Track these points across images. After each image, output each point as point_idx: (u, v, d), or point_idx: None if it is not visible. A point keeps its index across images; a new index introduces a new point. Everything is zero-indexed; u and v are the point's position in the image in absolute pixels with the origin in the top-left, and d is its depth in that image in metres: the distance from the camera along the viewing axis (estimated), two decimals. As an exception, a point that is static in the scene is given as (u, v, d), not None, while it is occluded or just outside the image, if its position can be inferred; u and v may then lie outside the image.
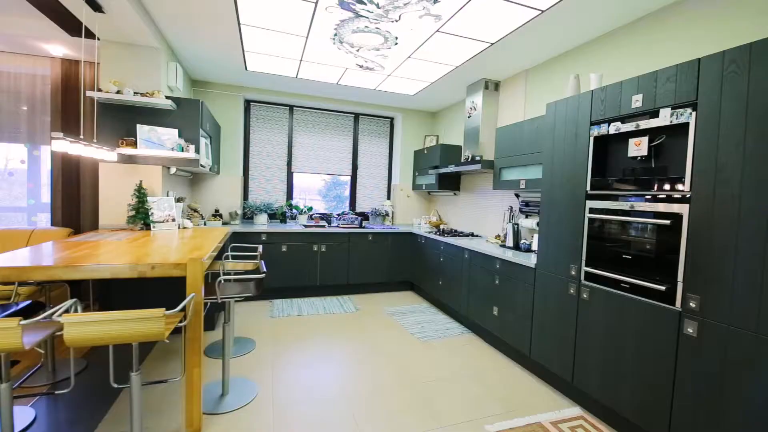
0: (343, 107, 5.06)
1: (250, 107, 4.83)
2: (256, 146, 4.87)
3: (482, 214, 4.23)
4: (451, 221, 4.92)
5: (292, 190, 5.08)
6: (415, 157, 5.30)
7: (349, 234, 4.51)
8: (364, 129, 5.35)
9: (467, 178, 4.55)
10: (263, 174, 4.92)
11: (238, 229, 4.04)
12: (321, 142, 5.14)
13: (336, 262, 4.47)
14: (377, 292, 4.75)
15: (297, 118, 5.01)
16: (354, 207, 5.38)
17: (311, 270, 4.37)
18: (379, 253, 4.66)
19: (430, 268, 4.24)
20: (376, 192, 5.49)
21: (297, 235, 4.28)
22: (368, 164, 5.40)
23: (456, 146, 4.61)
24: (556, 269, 2.43)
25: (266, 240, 4.17)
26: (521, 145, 3.13)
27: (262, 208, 4.59)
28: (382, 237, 4.65)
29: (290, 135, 4.99)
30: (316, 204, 5.37)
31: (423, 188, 4.98)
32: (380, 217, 5.17)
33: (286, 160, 5.00)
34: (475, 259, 3.33)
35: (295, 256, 4.29)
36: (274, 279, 4.23)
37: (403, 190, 5.37)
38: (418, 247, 4.57)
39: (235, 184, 4.58)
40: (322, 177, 5.34)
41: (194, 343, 1.87)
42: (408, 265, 4.81)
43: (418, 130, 5.40)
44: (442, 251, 3.95)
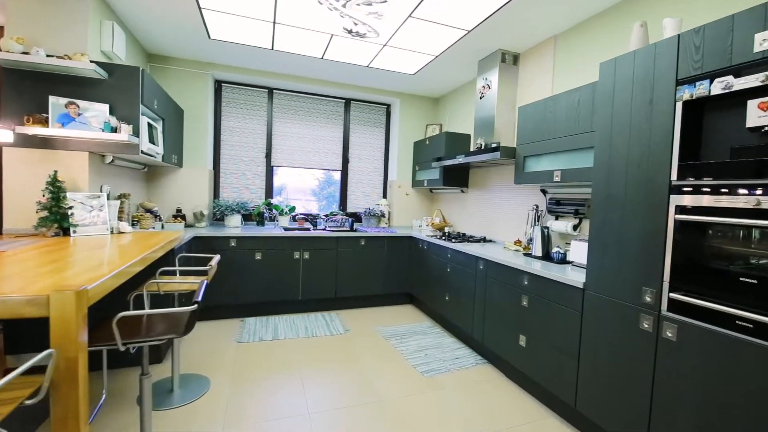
0: (332, 90, 4.34)
1: (222, 89, 4.10)
2: (229, 135, 4.15)
3: (496, 214, 3.54)
4: (457, 223, 4.22)
5: (272, 186, 4.36)
6: (416, 149, 4.60)
7: (338, 238, 3.79)
8: (357, 117, 4.64)
9: (477, 173, 3.86)
10: (238, 168, 4.20)
11: (203, 233, 3.31)
12: (306, 131, 4.42)
13: (322, 272, 3.76)
14: (371, 307, 4.04)
15: (278, 103, 4.30)
16: (345, 207, 4.67)
17: (292, 281, 3.66)
18: (372, 260, 3.95)
19: (434, 280, 3.54)
20: (370, 189, 4.78)
21: (275, 239, 3.56)
22: (361, 158, 4.70)
23: (464, 135, 3.91)
24: (619, 292, 1.74)
25: (236, 246, 3.44)
26: (555, 125, 2.43)
27: (235, 208, 3.86)
28: (377, 242, 3.95)
29: (269, 123, 4.27)
30: (312, 205, 4.65)
31: (424, 185, 4.29)
32: (375, 219, 4.46)
33: (265, 152, 4.28)
34: (494, 272, 2.63)
35: (272, 265, 3.57)
36: (247, 293, 3.51)
37: (401, 187, 4.66)
38: (419, 253, 3.87)
39: (202, 179, 3.85)
40: (316, 175, 4.62)
41: (66, 425, 1.15)
42: (407, 274, 4.10)
43: (419, 118, 4.70)
44: (449, 260, 3.25)
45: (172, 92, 3.71)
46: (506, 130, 3.21)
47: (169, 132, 3.23)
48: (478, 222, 3.81)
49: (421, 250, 3.84)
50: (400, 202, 4.67)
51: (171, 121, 3.31)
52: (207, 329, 3.24)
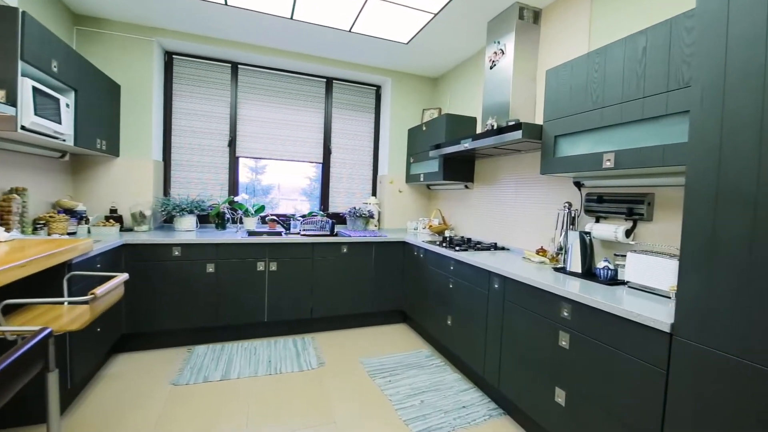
0: (310, 67, 3.62)
1: (173, 63, 3.36)
2: (183, 119, 3.41)
3: (510, 215, 2.83)
4: (460, 226, 3.51)
5: (237, 181, 3.63)
6: (410, 137, 3.89)
7: (314, 245, 3.07)
8: (341, 100, 3.92)
9: (485, 164, 3.15)
10: (194, 159, 3.46)
11: (139, 239, 2.58)
12: (278, 116, 3.69)
13: (293, 287, 3.03)
14: (356, 328, 3.32)
15: (244, 81, 3.57)
16: (326, 206, 3.95)
17: (255, 299, 2.93)
18: (357, 271, 3.23)
19: (433, 297, 2.82)
20: (356, 186, 4.06)
21: (233, 247, 2.83)
22: (346, 148, 3.98)
23: (468, 118, 3.20)
24: (744, 346, 1.03)
25: (181, 256, 2.71)
26: (604, 89, 1.73)
27: (186, 207, 3.13)
28: (363, 248, 3.23)
29: (233, 105, 3.54)
30: (304, 206, 3.93)
31: (420, 179, 3.57)
32: (362, 220, 3.75)
33: (228, 140, 3.54)
34: (515, 293, 1.92)
35: (229, 278, 2.84)
36: (196, 315, 2.78)
37: (393, 182, 3.95)
38: (415, 263, 3.16)
39: (145, 171, 3.11)
40: (307, 173, 3.91)
41: None
42: (399, 288, 3.39)
43: (415, 101, 3.99)
44: (453, 273, 2.54)
45: (106, 63, 2.97)
46: (525, 106, 2.50)
47: (91, 110, 2.50)
48: (487, 224, 3.10)
49: (416, 259, 3.13)
50: (392, 201, 3.96)
51: (95, 97, 2.57)
52: (140, 362, 2.50)
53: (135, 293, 2.64)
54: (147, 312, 2.68)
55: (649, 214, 1.78)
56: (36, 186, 2.49)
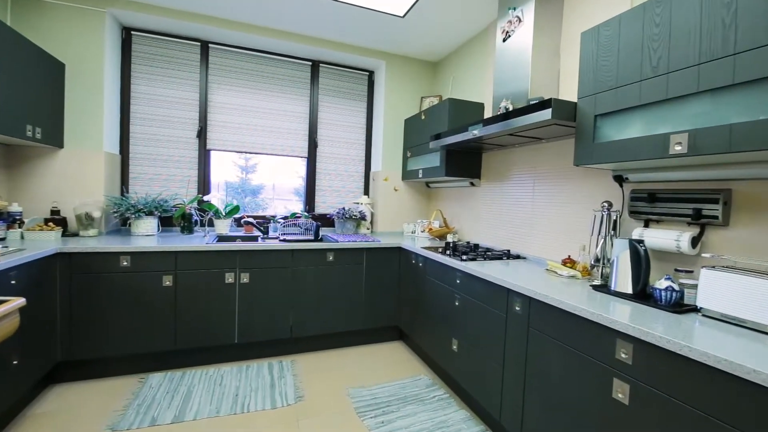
0: (293, 47, 3.16)
1: (132, 40, 2.89)
2: (144, 105, 2.94)
3: (526, 217, 2.39)
4: (465, 229, 3.06)
5: (209, 177, 3.16)
6: (407, 128, 3.44)
7: (293, 252, 2.61)
8: (329, 86, 3.46)
9: (495, 157, 2.70)
10: (157, 152, 2.99)
11: (81, 246, 2.11)
12: (255, 103, 3.23)
13: (270, 302, 2.57)
14: (344, 348, 2.86)
15: (216, 63, 3.10)
16: (312, 206, 3.49)
17: (222, 317, 2.47)
18: (345, 282, 2.77)
19: (435, 313, 2.38)
20: (346, 183, 3.60)
21: (196, 256, 2.37)
22: (335, 141, 3.52)
23: (475, 103, 2.76)
24: None
25: (131, 267, 2.24)
26: (671, 49, 1.28)
27: (144, 208, 2.66)
28: (352, 255, 2.77)
29: (203, 90, 3.07)
30: (297, 207, 3.48)
31: (419, 176, 3.12)
32: (352, 222, 3.29)
33: (197, 130, 3.08)
34: (543, 318, 1.48)
35: (190, 293, 2.38)
36: (150, 337, 2.31)
37: (388, 180, 3.50)
38: (413, 272, 2.71)
39: (95, 166, 2.63)
40: (300, 173, 3.46)
41: None
42: (394, 300, 2.94)
43: (412, 88, 3.54)
44: (460, 287, 2.09)
45: (48, 38, 2.49)
46: (547, 85, 2.06)
47: (15, 90, 2.02)
48: (497, 228, 2.66)
49: (414, 269, 2.68)
50: (387, 200, 3.51)
51: (22, 75, 2.10)
52: (79, 396, 2.03)
53: (73, 313, 2.17)
54: (90, 335, 2.21)
55: (725, 216, 1.35)
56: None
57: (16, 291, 1.75)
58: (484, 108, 2.77)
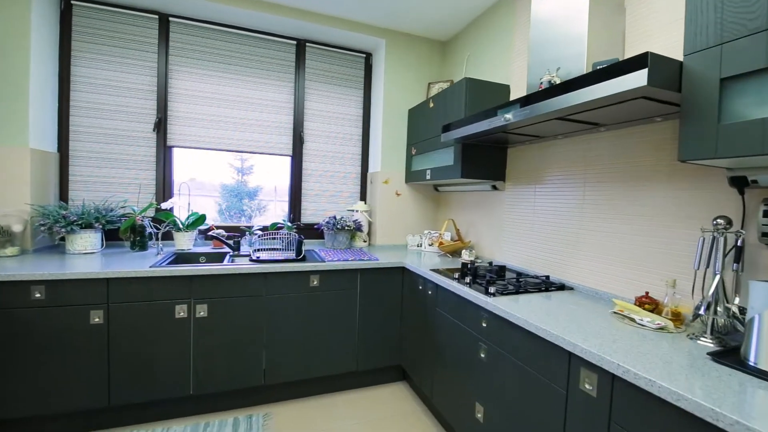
0: (274, 21, 2.59)
1: (72, 12, 2.35)
2: (87, 93, 2.39)
3: (571, 232, 1.79)
4: (483, 243, 2.47)
5: (171, 180, 2.60)
6: (412, 120, 2.86)
7: (266, 275, 2.04)
8: (318, 71, 2.90)
9: (526, 153, 2.11)
10: (105, 150, 2.44)
11: (-39, 276, 1.56)
12: (228, 90, 2.67)
13: (236, 340, 2.00)
14: (331, 394, 2.28)
15: (177, 40, 2.55)
16: (297, 214, 2.91)
17: (173, 362, 1.90)
18: (334, 311, 2.20)
19: (449, 358, 1.79)
20: (338, 186, 3.03)
21: (133, 283, 1.81)
22: (325, 136, 2.95)
23: (499, 85, 2.18)
24: None
25: (45, 300, 1.69)
26: None
27: (79, 220, 2.11)
28: (342, 278, 2.19)
29: (162, 74, 2.52)
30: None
31: (426, 177, 2.53)
32: (345, 234, 2.71)
33: (155, 123, 2.52)
34: (643, 417, 0.89)
35: (129, 331, 1.82)
36: (72, 394, 1.75)
37: (388, 182, 2.91)
38: (419, 299, 2.12)
39: (17, 167, 2.08)
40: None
41: None
42: (396, 333, 2.35)
43: (417, 72, 2.96)
44: (486, 333, 1.51)
45: (-50, 2, 1.95)
46: (608, 46, 1.47)
47: None
48: (527, 244, 2.06)
49: (421, 296, 2.09)
50: (388, 207, 2.92)
51: None
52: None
53: (-35, 362, 1.62)
54: None
55: None
56: None
57: None
58: (510, 91, 2.18)
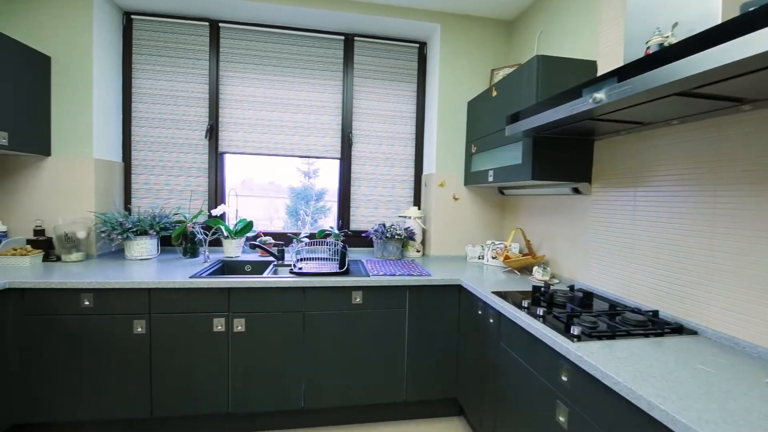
0: (321, 16, 2.44)
1: (133, 26, 2.44)
2: (145, 103, 2.47)
3: (694, 253, 1.30)
4: (561, 259, 2.02)
5: (223, 186, 2.60)
6: (472, 114, 2.50)
7: (305, 290, 1.86)
8: (368, 66, 2.69)
9: (622, 146, 1.64)
10: (162, 158, 2.50)
11: (36, 280, 1.63)
12: (275, 93, 2.58)
13: (273, 359, 1.86)
14: (375, 424, 2.02)
15: (227, 45, 2.52)
16: (346, 221, 2.73)
17: (211, 377, 1.81)
18: (379, 333, 1.95)
19: (518, 405, 1.42)
20: (389, 191, 2.78)
21: (173, 294, 1.76)
22: (374, 136, 2.73)
23: (582, 61, 1.74)
24: None
25: (93, 308, 1.70)
26: None
27: (134, 227, 2.16)
28: (388, 296, 1.93)
29: (213, 82, 2.51)
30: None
31: (489, 179, 2.16)
32: (395, 243, 2.45)
33: (206, 130, 2.52)
34: None
35: (169, 343, 1.77)
36: (116, 402, 1.75)
37: (444, 185, 2.59)
38: (479, 327, 1.77)
39: (83, 176, 2.20)
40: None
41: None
42: (452, 361, 2.02)
43: (478, 59, 2.59)
44: (569, 391, 1.12)
45: (34, 29, 2.11)
46: None
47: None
48: (625, 265, 1.59)
49: (482, 323, 1.75)
50: (444, 213, 2.59)
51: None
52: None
53: (29, 364, 1.69)
54: (46, 393, 1.71)
55: None
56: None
57: None
58: (597, 68, 1.73)
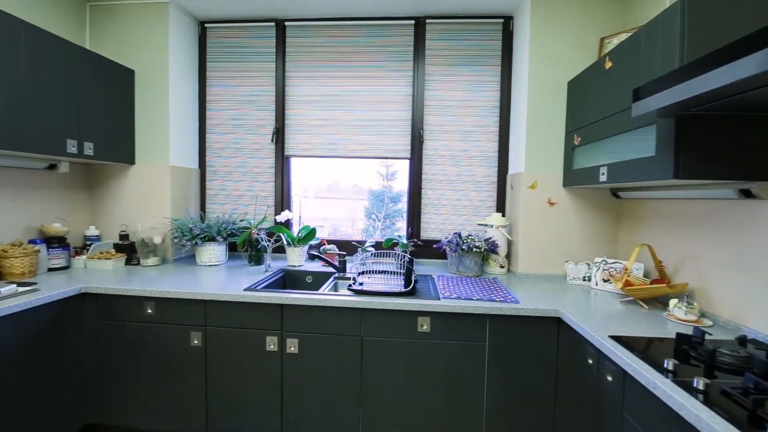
0: (387, 1, 2.19)
1: (207, 35, 2.48)
2: (217, 110, 2.49)
3: None
4: (716, 292, 1.41)
5: (289, 190, 2.50)
6: (573, 96, 1.98)
7: (362, 311, 1.60)
8: (441, 52, 2.34)
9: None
10: (232, 164, 2.50)
11: (105, 286, 1.67)
12: (340, 90, 2.39)
13: (326, 388, 1.64)
14: (450, 478, 1.67)
15: (293, 44, 2.42)
16: (417, 229, 2.42)
17: (264, 399, 1.67)
18: (450, 370, 1.59)
19: None
20: (466, 194, 2.39)
21: (227, 307, 1.65)
22: (449, 132, 2.36)
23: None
24: None
25: (155, 317, 1.68)
26: None
27: (201, 233, 2.15)
28: (462, 326, 1.56)
29: (280, 82, 2.43)
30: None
31: (600, 179, 1.64)
32: (473, 257, 2.06)
33: (272, 133, 2.45)
34: None
35: (223, 358, 1.67)
36: (174, 414, 1.71)
37: (536, 187, 2.10)
38: (589, 381, 1.30)
39: (160, 183, 2.27)
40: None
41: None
42: (546, 412, 1.56)
43: (579, 29, 2.05)
44: None
45: (120, 45, 2.25)
46: None
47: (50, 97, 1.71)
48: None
49: (592, 376, 1.28)
50: (536, 221, 2.11)
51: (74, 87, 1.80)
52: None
53: (102, 367, 1.74)
54: (115, 397, 1.75)
55: None
56: (15, 209, 1.87)
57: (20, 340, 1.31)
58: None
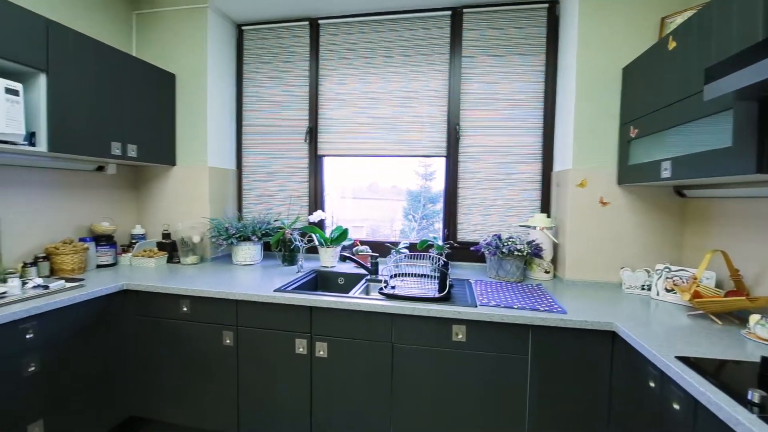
0: (420, -7, 2.10)
1: (243, 38, 2.52)
2: (253, 111, 2.52)
3: None
4: (806, 303, 1.19)
5: (322, 190, 2.48)
6: (629, 83, 1.77)
7: (393, 316, 1.53)
8: (479, 43, 2.21)
9: None
10: (267, 164, 2.52)
11: (145, 283, 1.73)
12: (376, 88, 2.33)
13: (356, 394, 1.58)
14: (487, 500, 1.55)
15: (326, 42, 2.39)
16: (453, 231, 2.30)
17: (293, 403, 1.64)
18: (489, 384, 1.47)
19: None
20: (507, 193, 2.23)
21: (258, 308, 1.64)
22: (488, 127, 2.22)
23: None
24: None
25: (190, 314, 1.71)
26: None
27: (237, 233, 2.18)
28: (501, 336, 1.44)
29: (313, 81, 2.41)
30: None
31: (662, 175, 1.44)
32: (514, 261, 1.91)
33: (306, 132, 2.44)
34: None
35: (253, 359, 1.67)
36: (208, 412, 1.73)
37: (585, 185, 1.91)
38: (652, 406, 1.14)
39: (199, 183, 2.33)
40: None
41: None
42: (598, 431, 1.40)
43: (639, 8, 1.83)
44: None
45: (162, 51, 2.34)
46: None
47: (97, 101, 1.80)
48: None
49: (656, 403, 1.11)
50: (585, 223, 1.91)
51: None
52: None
53: (143, 362, 1.80)
54: (155, 392, 1.80)
55: None
56: (67, 209, 2.00)
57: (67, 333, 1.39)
58: None
